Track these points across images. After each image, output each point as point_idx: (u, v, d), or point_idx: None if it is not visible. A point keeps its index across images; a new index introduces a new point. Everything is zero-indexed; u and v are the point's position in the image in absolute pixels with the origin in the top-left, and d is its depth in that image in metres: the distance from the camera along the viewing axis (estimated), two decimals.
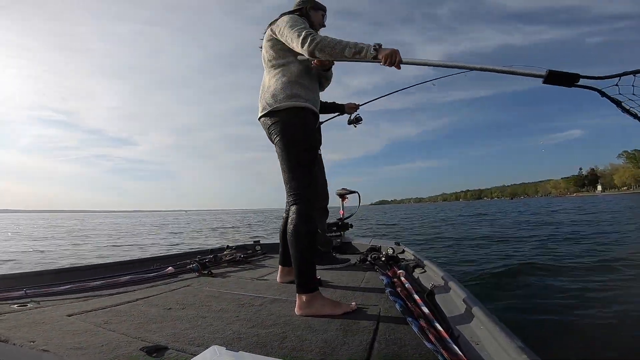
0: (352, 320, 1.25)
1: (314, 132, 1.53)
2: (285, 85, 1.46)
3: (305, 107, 1.48)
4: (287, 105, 1.44)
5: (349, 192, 3.22)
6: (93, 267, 2.08)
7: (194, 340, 1.04)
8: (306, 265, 1.37)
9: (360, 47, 1.32)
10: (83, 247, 8.39)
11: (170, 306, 1.42)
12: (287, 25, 1.45)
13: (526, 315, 2.48)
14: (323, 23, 1.75)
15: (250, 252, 2.91)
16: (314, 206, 1.46)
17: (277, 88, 1.47)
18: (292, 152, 1.44)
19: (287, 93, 1.45)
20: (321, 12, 1.72)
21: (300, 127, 1.46)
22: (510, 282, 3.49)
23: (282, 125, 1.45)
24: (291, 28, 1.43)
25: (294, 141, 1.45)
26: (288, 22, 1.46)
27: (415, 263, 2.16)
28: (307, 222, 1.40)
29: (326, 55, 1.36)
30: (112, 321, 1.20)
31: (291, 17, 1.51)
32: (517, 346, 0.83)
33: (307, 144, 1.47)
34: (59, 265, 4.82)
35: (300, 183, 1.44)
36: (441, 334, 1.04)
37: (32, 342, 0.97)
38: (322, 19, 1.73)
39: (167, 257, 2.48)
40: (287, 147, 1.44)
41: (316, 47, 1.34)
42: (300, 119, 1.46)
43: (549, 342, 2.00)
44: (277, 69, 1.51)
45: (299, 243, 1.38)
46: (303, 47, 1.37)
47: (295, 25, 1.44)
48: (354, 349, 1.00)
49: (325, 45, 1.34)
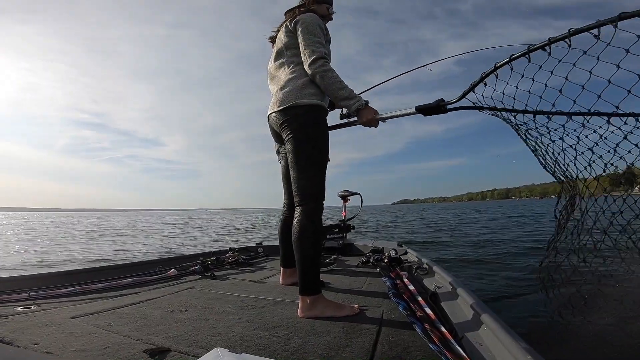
0: (355, 322, 1.25)
1: (327, 131, 1.51)
2: (305, 83, 1.45)
3: (322, 106, 1.47)
4: (306, 102, 1.42)
5: (351, 194, 3.22)
6: (96, 269, 2.09)
7: (196, 343, 1.04)
8: (311, 267, 1.36)
9: (354, 95, 1.43)
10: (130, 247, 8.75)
11: (173, 308, 1.42)
12: (307, 31, 1.45)
13: (531, 317, 2.46)
14: (329, 15, 1.69)
15: (252, 254, 2.92)
16: (322, 208, 1.44)
17: (297, 84, 1.45)
18: (306, 150, 1.41)
19: (308, 90, 1.43)
20: (325, 5, 1.66)
21: (316, 125, 1.44)
22: (516, 283, 3.47)
23: (298, 121, 1.42)
24: (310, 36, 1.44)
25: (309, 139, 1.41)
26: (309, 26, 1.45)
27: (418, 265, 2.15)
28: (314, 222, 1.38)
29: (323, 84, 1.41)
30: (115, 323, 1.20)
31: (313, 21, 1.47)
32: (521, 347, 0.82)
33: (322, 142, 1.44)
34: (68, 267, 4.89)
35: (310, 182, 1.41)
36: (445, 335, 1.04)
37: (36, 344, 0.98)
38: (327, 11, 1.67)
39: (170, 260, 2.49)
40: (301, 144, 1.41)
41: (320, 73, 1.40)
42: (317, 117, 1.45)
43: (554, 343, 1.98)
44: (296, 66, 1.50)
45: (305, 244, 1.36)
46: (311, 66, 1.41)
47: (314, 35, 1.44)
48: (357, 351, 1.00)
49: (328, 77, 1.40)
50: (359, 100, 1.43)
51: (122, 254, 6.84)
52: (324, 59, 1.41)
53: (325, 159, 1.47)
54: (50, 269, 4.96)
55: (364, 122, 1.48)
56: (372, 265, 2.34)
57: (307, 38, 1.44)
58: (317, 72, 1.40)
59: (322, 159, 1.44)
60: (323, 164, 1.45)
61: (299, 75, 1.47)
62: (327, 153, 1.48)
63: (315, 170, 1.42)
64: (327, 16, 1.68)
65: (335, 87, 1.40)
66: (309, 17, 1.49)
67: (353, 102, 1.42)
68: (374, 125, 1.50)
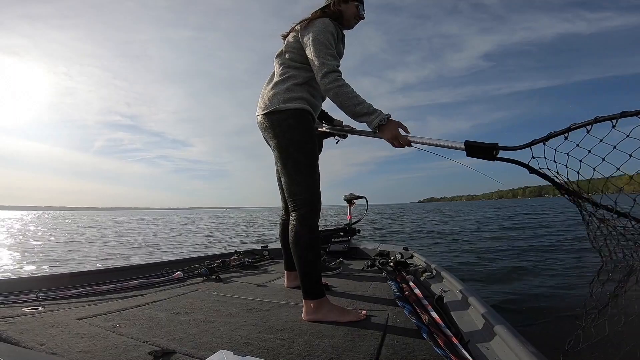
0: (360, 325, 1.24)
1: (314, 135, 1.45)
2: (290, 87, 1.41)
3: (307, 110, 1.42)
4: (289, 107, 1.38)
5: (356, 197, 3.21)
6: (103, 271, 2.11)
7: (201, 345, 1.04)
8: (311, 271, 1.34)
9: (373, 110, 1.31)
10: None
11: (178, 311, 1.42)
12: (318, 41, 1.36)
13: (538, 320, 2.42)
14: (360, 15, 1.56)
15: (258, 257, 2.92)
16: (317, 212, 1.39)
17: (282, 88, 1.41)
18: (292, 156, 1.37)
19: (293, 94, 1.40)
20: (355, 3, 1.53)
21: (301, 129, 1.39)
22: (522, 287, 3.42)
23: (282, 127, 1.38)
24: (320, 46, 1.35)
25: (294, 144, 1.37)
26: (320, 35, 1.37)
27: (424, 268, 2.13)
28: (308, 227, 1.35)
29: (338, 101, 1.33)
30: (120, 325, 1.21)
31: (324, 29, 1.38)
32: (529, 352, 0.81)
33: (308, 146, 1.39)
34: (75, 269, 4.99)
35: (300, 187, 1.36)
36: (451, 339, 1.03)
37: (42, 345, 0.99)
38: (356, 10, 1.54)
39: (175, 262, 2.50)
40: (287, 150, 1.37)
41: (334, 89, 1.31)
42: (301, 122, 1.40)
43: (562, 347, 1.94)
44: (287, 69, 1.45)
45: (301, 250, 1.34)
46: (322, 80, 1.33)
47: (325, 46, 1.36)
48: (361, 354, 0.99)
49: (343, 93, 1.31)
50: (379, 115, 1.31)
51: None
52: (337, 73, 1.33)
53: (314, 162, 1.41)
54: (59, 269, 5.03)
55: (389, 137, 1.35)
56: (377, 269, 2.33)
57: (317, 48, 1.35)
58: (331, 89, 1.32)
59: (310, 163, 1.39)
60: (312, 168, 1.39)
61: (287, 78, 1.43)
62: (316, 156, 1.42)
63: (304, 175, 1.37)
64: (357, 15, 1.56)
65: (352, 104, 1.31)
66: (321, 24, 1.40)
67: (373, 118, 1.31)
68: (400, 145, 1.37)
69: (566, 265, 4.39)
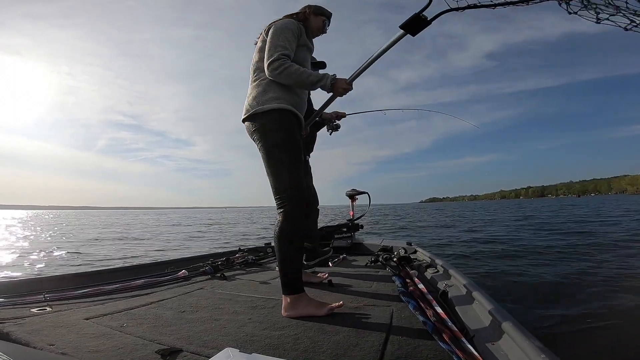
0: (365, 321, 1.25)
1: (295, 133, 1.48)
2: (265, 88, 1.45)
3: (286, 109, 1.45)
4: (267, 108, 1.42)
5: (359, 193, 3.21)
6: (109, 271, 2.12)
7: (207, 343, 1.05)
8: (290, 267, 1.37)
9: (322, 75, 1.44)
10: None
11: (184, 309, 1.44)
12: (272, 35, 1.45)
13: (543, 315, 2.42)
14: (323, 29, 1.70)
15: (261, 255, 2.93)
16: (302, 208, 1.41)
17: (258, 91, 1.46)
18: (274, 155, 1.41)
19: (269, 95, 1.44)
20: (322, 18, 1.66)
21: (281, 130, 1.42)
22: (528, 283, 3.41)
23: (263, 128, 1.43)
24: (272, 40, 1.43)
25: (275, 144, 1.41)
26: (277, 30, 1.46)
27: (428, 263, 2.13)
28: (291, 223, 1.38)
29: (291, 81, 1.42)
30: (127, 324, 1.22)
31: (284, 27, 1.47)
32: (535, 346, 0.80)
33: (290, 145, 1.42)
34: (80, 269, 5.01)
35: (283, 185, 1.40)
36: (456, 334, 1.03)
37: (51, 345, 1.00)
38: (322, 24, 1.67)
39: (180, 261, 2.51)
40: (270, 150, 1.42)
41: (283, 73, 1.39)
42: (281, 121, 1.43)
43: (567, 343, 1.94)
44: (259, 72, 1.50)
45: (282, 245, 1.38)
46: (268, 68, 1.40)
47: (279, 39, 1.43)
48: (366, 350, 0.99)
49: (292, 72, 1.40)
50: (328, 76, 1.45)
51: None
52: (281, 59, 1.39)
53: (297, 159, 1.44)
54: (66, 270, 5.06)
55: (340, 92, 1.49)
56: (381, 265, 2.33)
57: (269, 42, 1.44)
58: (279, 73, 1.39)
59: (293, 161, 1.42)
60: (295, 165, 1.42)
61: (260, 81, 1.48)
62: (299, 155, 1.45)
63: (286, 174, 1.40)
64: (320, 29, 1.68)
65: (304, 77, 1.41)
66: (280, 22, 1.49)
67: (325, 80, 1.44)
68: (350, 89, 1.50)
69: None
